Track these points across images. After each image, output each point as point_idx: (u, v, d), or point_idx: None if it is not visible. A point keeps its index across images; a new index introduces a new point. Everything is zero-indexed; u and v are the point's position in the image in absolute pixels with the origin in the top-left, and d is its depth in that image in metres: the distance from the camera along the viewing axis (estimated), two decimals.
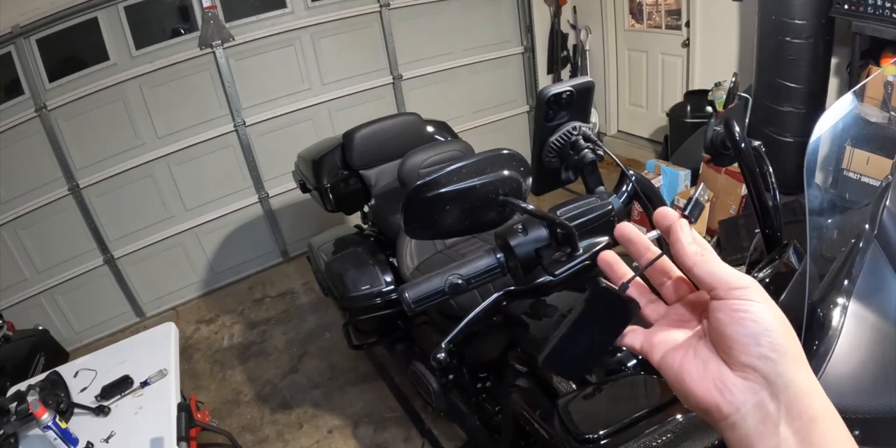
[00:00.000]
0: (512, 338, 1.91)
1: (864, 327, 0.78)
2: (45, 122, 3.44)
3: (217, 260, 4.32)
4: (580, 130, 0.97)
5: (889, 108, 1.21)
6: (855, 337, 0.77)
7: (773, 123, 3.49)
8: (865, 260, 0.81)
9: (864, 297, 0.79)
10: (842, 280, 0.81)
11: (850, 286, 0.79)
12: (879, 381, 0.76)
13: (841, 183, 1.00)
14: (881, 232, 0.83)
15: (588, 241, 0.90)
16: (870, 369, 0.76)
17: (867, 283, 0.80)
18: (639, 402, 1.10)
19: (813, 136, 0.86)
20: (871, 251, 0.82)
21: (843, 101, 0.95)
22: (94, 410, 2.31)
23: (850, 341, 0.76)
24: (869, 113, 1.14)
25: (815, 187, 0.91)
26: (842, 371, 0.74)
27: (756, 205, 1.18)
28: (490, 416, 2.18)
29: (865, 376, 0.76)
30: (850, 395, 0.74)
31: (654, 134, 5.07)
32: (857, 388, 0.75)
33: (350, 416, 3.01)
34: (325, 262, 2.66)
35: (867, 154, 1.13)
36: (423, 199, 0.82)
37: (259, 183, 4.23)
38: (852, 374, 0.75)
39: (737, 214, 3.60)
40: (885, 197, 0.86)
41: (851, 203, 0.96)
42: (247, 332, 3.83)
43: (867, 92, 1.18)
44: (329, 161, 2.72)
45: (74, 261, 3.82)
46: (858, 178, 1.01)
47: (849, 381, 0.75)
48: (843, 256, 0.85)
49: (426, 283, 0.89)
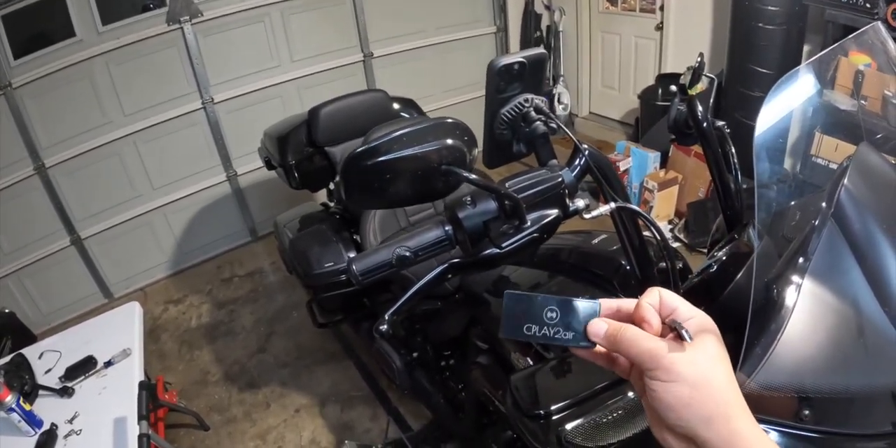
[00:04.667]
0: (473, 315, 1.92)
1: (820, 307, 0.79)
2: (9, 100, 3.36)
3: (185, 239, 4.28)
4: (532, 102, 0.96)
5: (859, 97, 1.22)
6: (811, 316, 0.77)
7: (744, 108, 3.50)
8: (822, 238, 0.82)
9: (820, 275, 0.79)
10: (797, 258, 0.82)
11: (806, 264, 0.80)
12: (834, 361, 0.77)
13: (809, 169, 1.00)
14: (838, 211, 0.84)
15: (538, 213, 0.89)
16: (824, 349, 0.77)
17: (823, 261, 0.81)
18: (592, 379, 1.10)
19: (765, 105, 0.86)
20: (828, 230, 0.83)
21: (798, 72, 0.95)
22: (59, 392, 2.30)
23: (805, 321, 0.76)
24: (839, 101, 1.14)
25: (783, 171, 0.92)
26: (796, 350, 0.75)
27: (718, 185, 1.19)
28: (454, 393, 2.19)
29: (820, 356, 0.77)
30: (805, 375, 0.74)
31: (625, 116, 5.08)
32: (811, 367, 0.75)
33: (317, 395, 3.02)
34: (290, 239, 2.65)
35: (836, 141, 1.13)
36: (362, 167, 0.81)
37: (227, 161, 4.18)
38: (807, 353, 0.76)
39: (705, 197, 3.64)
40: (843, 176, 0.86)
41: (815, 188, 0.96)
42: (215, 312, 3.81)
43: (838, 80, 1.18)
44: (294, 138, 2.69)
45: (41, 242, 3.76)
46: (826, 164, 1.01)
47: (803, 360, 0.75)
48: (802, 236, 0.85)
49: (374, 255, 0.88)
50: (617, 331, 0.59)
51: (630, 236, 1.06)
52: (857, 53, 1.18)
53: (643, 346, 0.57)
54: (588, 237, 1.68)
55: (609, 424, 1.00)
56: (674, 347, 0.56)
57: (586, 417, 1.03)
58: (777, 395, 0.73)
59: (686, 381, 0.54)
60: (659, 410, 0.56)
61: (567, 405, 1.07)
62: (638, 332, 0.58)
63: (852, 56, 1.20)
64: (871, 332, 0.79)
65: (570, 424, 1.03)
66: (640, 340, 0.57)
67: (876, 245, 0.83)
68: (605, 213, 0.93)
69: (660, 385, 0.55)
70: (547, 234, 0.90)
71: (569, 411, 1.06)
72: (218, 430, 2.93)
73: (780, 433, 0.73)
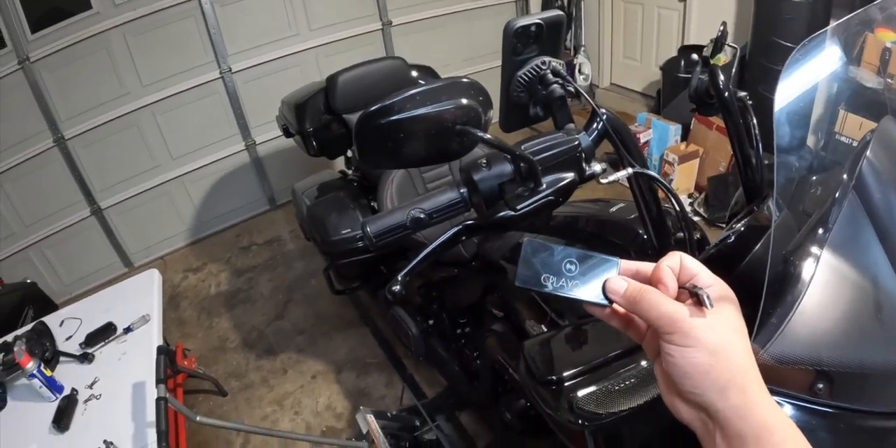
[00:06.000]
0: (489, 283, 1.92)
1: (838, 280, 0.77)
2: (28, 74, 3.37)
3: (204, 208, 4.30)
4: (549, 65, 0.94)
5: (885, 74, 1.18)
6: (828, 289, 0.76)
7: (767, 82, 3.43)
8: (842, 210, 0.80)
9: (839, 248, 0.78)
10: (817, 229, 0.80)
11: (825, 235, 0.78)
12: (849, 336, 0.76)
13: (832, 146, 0.98)
14: (860, 183, 0.82)
15: (553, 176, 0.88)
16: (840, 323, 0.76)
17: (843, 233, 0.79)
18: (605, 347, 1.10)
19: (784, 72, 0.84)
20: (849, 202, 0.81)
21: (821, 37, 0.92)
22: (79, 358, 2.35)
23: (822, 293, 0.75)
24: (865, 78, 1.11)
25: (804, 145, 0.90)
26: (812, 322, 0.74)
27: (738, 157, 1.17)
28: (469, 361, 2.20)
29: (837, 329, 0.75)
30: (819, 348, 0.73)
31: (646, 88, 5.00)
32: (826, 340, 0.74)
33: (334, 361, 3.05)
34: (307, 206, 2.65)
35: (861, 119, 1.11)
36: (376, 126, 0.80)
37: (246, 130, 4.18)
38: (823, 326, 0.74)
39: (726, 172, 3.59)
40: (865, 149, 0.85)
41: (837, 164, 0.94)
42: (233, 280, 3.85)
43: (864, 57, 1.15)
44: (312, 105, 2.68)
45: (61, 213, 3.80)
46: (850, 142, 0.99)
47: (819, 333, 0.74)
48: (822, 208, 0.84)
49: (388, 216, 0.88)
50: (637, 291, 0.58)
51: (648, 204, 1.05)
52: (883, 30, 1.14)
53: (663, 309, 0.56)
54: (605, 205, 1.66)
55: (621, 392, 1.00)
56: (694, 312, 0.55)
57: (599, 385, 1.03)
58: (790, 367, 0.72)
59: (705, 347, 0.54)
60: (674, 377, 0.56)
61: (580, 372, 1.06)
62: (659, 295, 0.57)
63: (879, 33, 1.17)
64: (890, 307, 0.78)
65: (582, 391, 1.03)
66: (661, 303, 0.56)
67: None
68: (622, 178, 0.92)
69: (677, 350, 0.55)
70: (562, 197, 0.89)
71: (582, 378, 1.06)
72: (235, 395, 2.97)
73: (794, 406, 0.72)
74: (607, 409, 0.97)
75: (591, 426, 0.97)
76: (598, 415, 0.97)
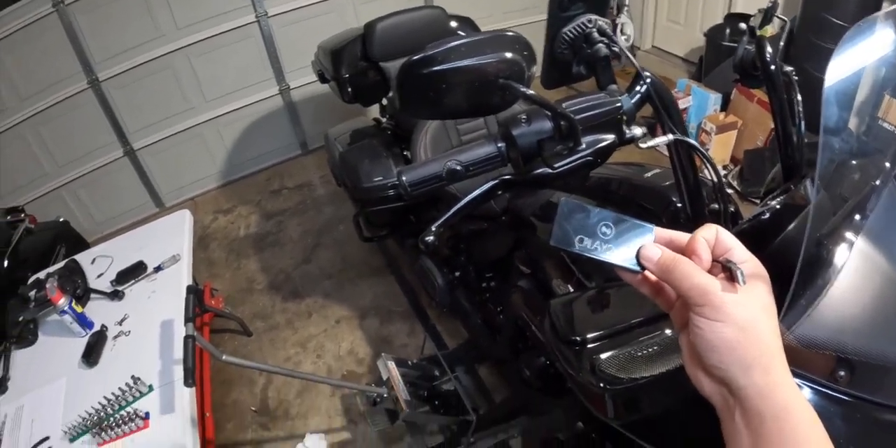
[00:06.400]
0: (518, 238, 1.91)
1: (870, 268, 0.76)
2: (62, 16, 3.36)
3: (236, 151, 4.32)
4: (595, 23, 0.92)
5: None
6: (860, 276, 0.75)
7: (814, 60, 3.29)
8: (881, 198, 0.79)
9: (874, 235, 0.77)
10: (853, 215, 0.79)
11: (862, 221, 0.77)
12: (876, 325, 0.75)
13: (874, 131, 0.95)
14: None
15: (593, 137, 0.87)
16: (869, 311, 0.75)
17: (880, 221, 0.78)
18: (631, 312, 1.10)
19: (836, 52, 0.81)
20: (889, 190, 0.80)
21: (874, 20, 0.89)
22: (109, 295, 2.40)
23: (853, 280, 0.74)
24: None
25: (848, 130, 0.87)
26: (840, 308, 0.73)
27: (779, 133, 1.14)
28: (492, 316, 2.21)
29: (864, 318, 0.74)
30: (845, 334, 0.72)
31: (689, 54, 4.84)
32: (852, 328, 0.73)
33: (358, 307, 3.10)
34: (340, 152, 2.65)
35: None
36: (419, 75, 0.79)
37: (280, 75, 4.15)
38: (850, 313, 0.74)
39: (764, 146, 3.50)
40: None
41: (878, 152, 0.92)
42: (263, 223, 3.89)
43: None
44: (349, 52, 2.65)
45: (94, 154, 3.85)
46: (893, 130, 0.96)
47: (847, 319, 0.73)
48: (861, 195, 0.82)
49: (424, 167, 0.87)
50: (671, 260, 0.58)
51: (685, 172, 1.03)
52: None
53: (695, 280, 0.55)
54: (641, 170, 1.64)
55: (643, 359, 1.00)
56: (726, 287, 0.55)
57: (622, 349, 1.02)
58: (813, 351, 0.71)
59: (734, 322, 0.54)
60: (700, 350, 0.56)
61: (604, 335, 1.06)
62: (692, 266, 0.57)
63: None
64: None
65: (605, 354, 1.03)
66: (693, 274, 0.56)
67: None
68: (662, 143, 0.91)
69: (706, 323, 0.55)
70: (601, 158, 0.89)
71: (605, 341, 1.05)
72: (260, 336, 3.04)
73: (813, 390, 0.72)
74: (629, 375, 0.97)
75: (611, 390, 0.97)
76: (619, 379, 0.97)
